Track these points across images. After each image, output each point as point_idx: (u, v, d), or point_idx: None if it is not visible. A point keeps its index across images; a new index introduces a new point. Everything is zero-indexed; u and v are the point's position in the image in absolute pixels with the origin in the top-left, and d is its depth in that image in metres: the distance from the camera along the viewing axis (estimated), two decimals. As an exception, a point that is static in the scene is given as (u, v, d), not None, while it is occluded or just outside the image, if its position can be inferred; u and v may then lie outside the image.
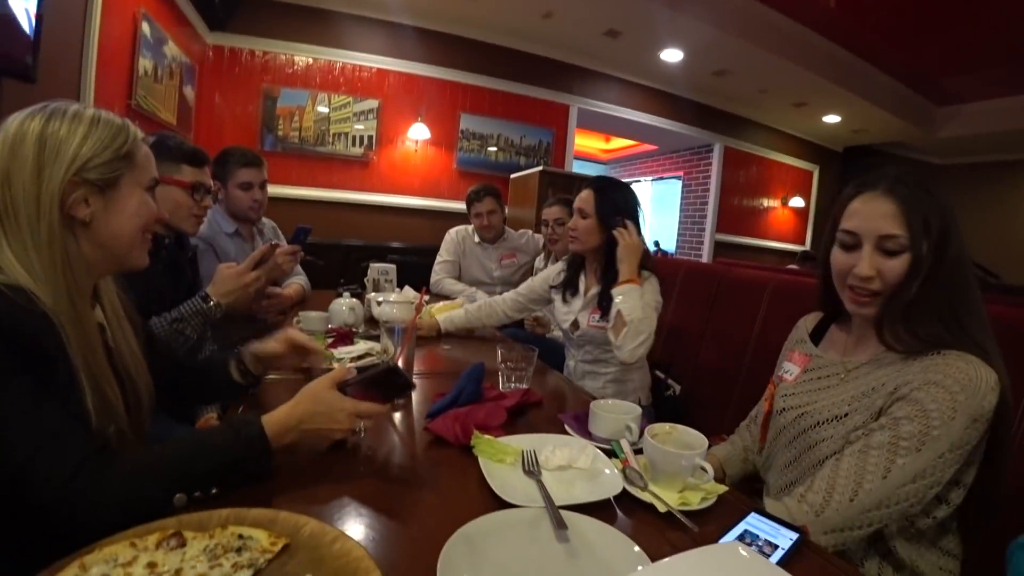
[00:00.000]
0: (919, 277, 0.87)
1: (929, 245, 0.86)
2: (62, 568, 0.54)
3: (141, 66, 2.95)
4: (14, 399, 0.65)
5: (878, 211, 0.90)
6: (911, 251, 0.87)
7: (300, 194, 4.48)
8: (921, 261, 0.87)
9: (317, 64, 4.54)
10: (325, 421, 0.84)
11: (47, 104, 0.77)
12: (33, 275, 0.71)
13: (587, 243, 1.82)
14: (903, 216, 0.87)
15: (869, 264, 0.90)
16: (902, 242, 0.87)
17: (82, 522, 0.64)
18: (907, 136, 6.82)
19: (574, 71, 5.46)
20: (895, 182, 0.90)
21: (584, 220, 1.80)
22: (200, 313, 1.43)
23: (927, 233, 0.86)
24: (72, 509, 0.64)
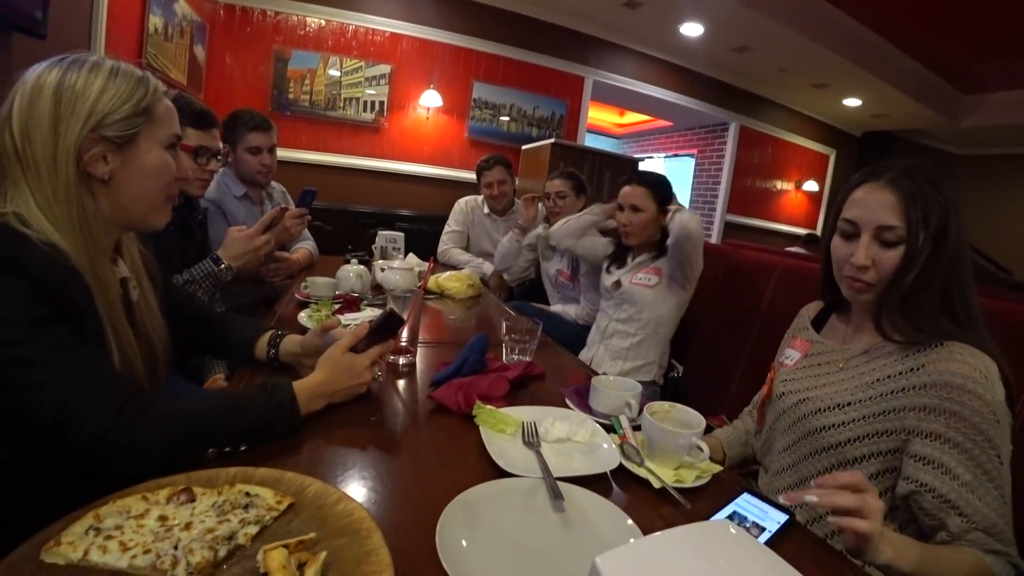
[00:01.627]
0: (914, 269, 0.87)
1: (926, 238, 0.87)
2: (78, 518, 0.57)
3: (152, 24, 2.92)
4: (53, 343, 0.67)
5: (879, 202, 0.90)
6: (907, 243, 0.88)
7: (309, 158, 4.45)
8: (916, 253, 0.87)
9: (329, 26, 4.46)
10: (349, 379, 0.93)
11: (66, 56, 0.76)
12: (59, 229, 0.72)
13: (642, 236, 1.97)
14: (903, 208, 0.88)
15: (865, 254, 0.91)
16: (899, 233, 0.88)
17: (123, 463, 0.67)
18: (928, 123, 6.66)
19: (591, 42, 5.35)
20: (899, 174, 0.90)
21: (638, 215, 1.93)
22: (211, 276, 1.46)
23: (925, 226, 0.86)
24: (113, 449, 0.66)
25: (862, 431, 0.90)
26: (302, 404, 0.84)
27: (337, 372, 0.92)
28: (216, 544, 0.55)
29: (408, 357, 1.25)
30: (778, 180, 7.09)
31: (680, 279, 1.93)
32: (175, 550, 0.54)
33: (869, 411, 0.90)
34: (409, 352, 1.25)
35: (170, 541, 0.55)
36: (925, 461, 0.83)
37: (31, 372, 0.65)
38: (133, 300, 0.88)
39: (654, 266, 1.96)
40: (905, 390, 0.87)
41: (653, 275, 1.94)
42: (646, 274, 1.95)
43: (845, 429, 0.92)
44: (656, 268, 1.96)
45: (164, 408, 0.73)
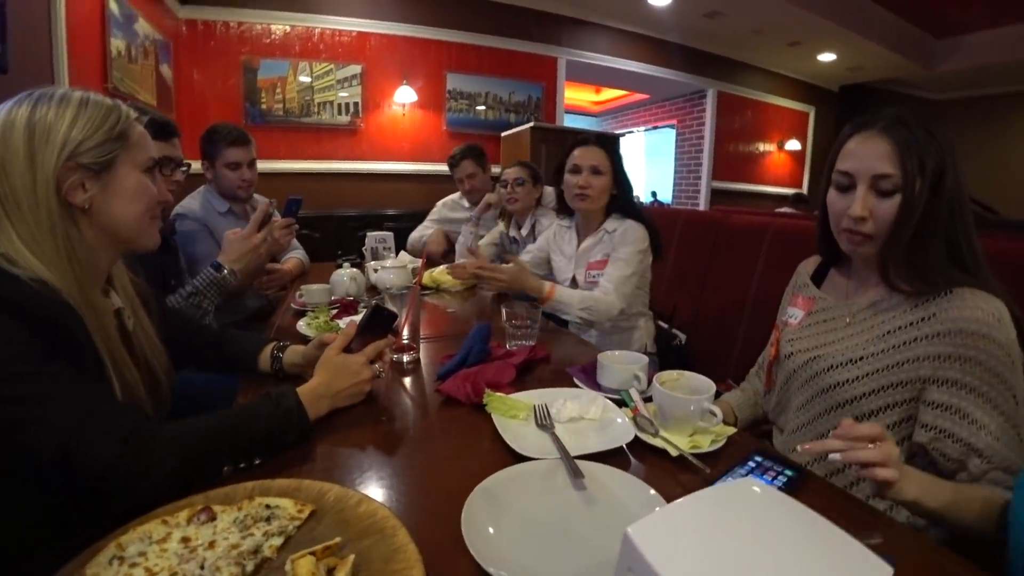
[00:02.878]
0: (913, 217, 0.86)
1: (923, 185, 0.85)
2: (101, 548, 0.56)
3: (114, 47, 2.87)
4: (51, 379, 0.66)
5: (873, 151, 0.88)
6: (904, 191, 0.86)
7: (289, 167, 4.42)
8: (914, 201, 0.86)
9: (295, 32, 4.40)
10: (349, 378, 0.93)
11: (33, 91, 0.76)
12: (47, 263, 0.71)
13: (599, 200, 1.80)
14: (898, 156, 0.86)
15: (862, 205, 0.89)
16: (895, 182, 0.86)
17: (137, 489, 0.66)
18: (904, 72, 6.66)
19: (561, 21, 5.31)
20: (892, 122, 0.88)
21: (599, 177, 1.77)
22: (215, 283, 1.44)
23: (922, 173, 0.85)
24: (125, 477, 0.66)
25: (877, 384, 0.90)
26: (308, 407, 0.85)
27: (333, 373, 0.93)
28: (243, 559, 0.55)
29: (412, 354, 1.24)
30: (760, 142, 7.10)
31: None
32: (201, 570, 0.53)
33: (883, 364, 0.90)
34: (412, 349, 1.25)
35: (196, 562, 0.54)
36: (943, 408, 0.84)
37: (31, 408, 0.64)
38: (129, 328, 0.88)
39: (601, 258, 1.81)
40: (918, 340, 0.87)
41: (603, 270, 1.79)
42: (597, 270, 1.80)
43: (860, 384, 0.92)
44: (603, 261, 1.80)
45: (172, 430, 0.73)
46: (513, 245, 2.67)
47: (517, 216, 2.62)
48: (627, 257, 1.72)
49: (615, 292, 1.69)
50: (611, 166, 1.79)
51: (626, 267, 1.72)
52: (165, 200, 0.90)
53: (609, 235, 1.81)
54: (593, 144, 1.80)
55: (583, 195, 1.78)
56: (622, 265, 1.72)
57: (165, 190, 0.90)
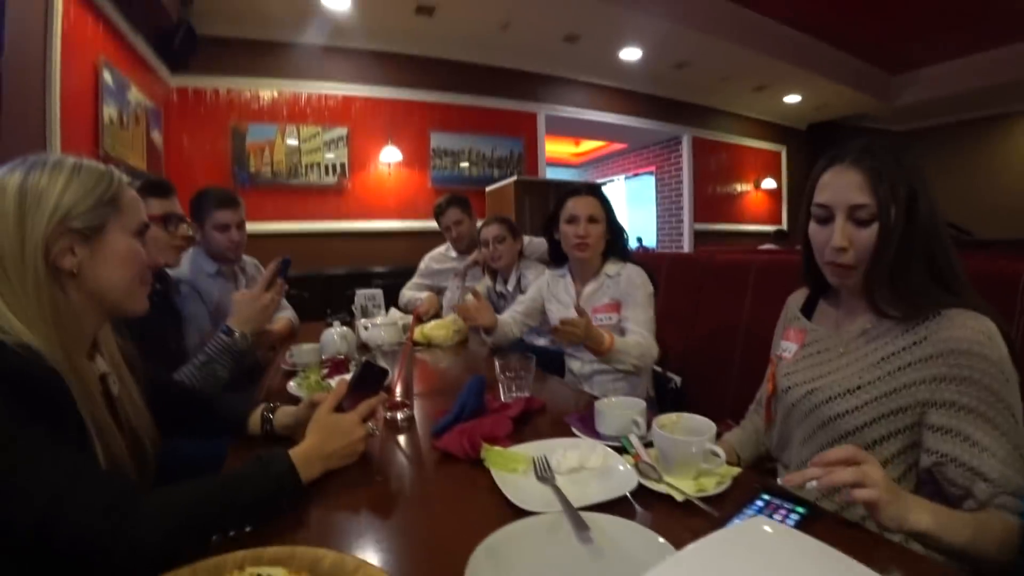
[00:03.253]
0: (892, 243, 0.88)
1: (898, 210, 0.87)
2: None
3: (106, 115, 2.93)
4: (28, 446, 0.64)
5: (847, 182, 0.91)
6: (880, 219, 0.88)
7: (277, 228, 4.45)
8: (891, 227, 0.88)
9: (283, 97, 4.53)
10: (341, 438, 0.90)
11: (27, 158, 0.77)
12: (32, 328, 0.70)
13: (598, 248, 1.84)
14: (870, 185, 0.88)
15: (841, 235, 0.91)
16: (871, 211, 0.88)
17: (119, 564, 0.63)
18: (867, 107, 7.00)
19: (537, 79, 5.52)
20: (862, 152, 0.91)
21: (595, 225, 1.81)
22: (227, 349, 1.41)
23: (895, 199, 0.87)
24: (108, 550, 0.63)
25: (877, 412, 0.90)
26: (300, 471, 0.82)
27: (326, 434, 0.90)
28: (234, 636, 0.52)
29: (405, 411, 1.22)
30: (737, 183, 7.32)
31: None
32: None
33: (880, 391, 0.90)
34: (405, 406, 1.23)
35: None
36: (943, 431, 0.83)
37: (13, 477, 0.62)
38: (114, 394, 0.86)
39: (608, 302, 1.81)
40: (912, 364, 0.87)
41: (612, 313, 1.80)
42: (605, 313, 1.80)
43: (860, 413, 0.91)
44: (611, 305, 1.81)
45: (157, 498, 0.69)
46: (500, 300, 2.67)
47: (501, 271, 2.63)
48: (643, 302, 1.76)
49: (651, 335, 1.72)
50: (604, 213, 1.83)
51: (646, 311, 1.75)
52: (155, 263, 0.90)
53: (611, 279, 1.83)
54: (586, 194, 1.85)
55: (583, 244, 1.80)
56: (642, 310, 1.75)
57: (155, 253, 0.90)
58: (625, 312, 1.78)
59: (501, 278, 2.64)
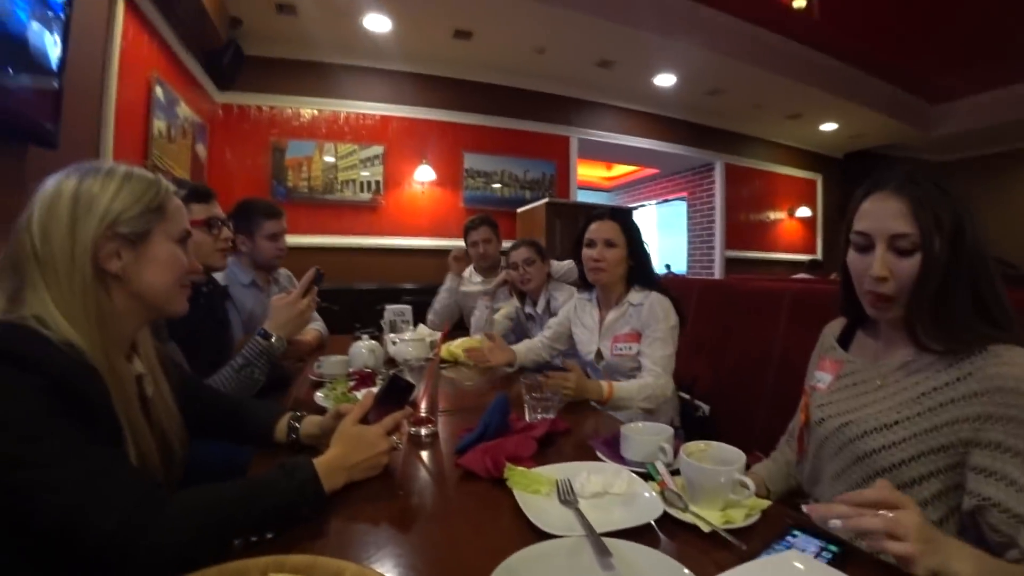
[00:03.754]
0: (937, 275, 0.85)
1: (942, 242, 0.84)
2: None
3: (155, 127, 3.07)
4: (61, 441, 0.66)
5: (888, 210, 0.88)
6: (923, 249, 0.86)
7: (312, 242, 4.56)
8: (935, 259, 0.85)
9: (322, 115, 4.68)
10: (366, 450, 0.91)
11: (82, 164, 0.81)
12: (76, 327, 0.73)
13: (615, 273, 1.82)
14: (912, 214, 0.85)
15: (881, 264, 0.88)
16: (913, 240, 0.85)
17: (139, 564, 0.64)
18: (904, 137, 6.85)
19: (571, 103, 5.58)
20: (905, 180, 0.89)
21: (612, 249, 1.80)
22: (264, 353, 1.43)
23: (939, 229, 0.85)
24: (130, 550, 0.64)
25: (915, 450, 0.86)
26: (323, 481, 0.82)
27: (351, 445, 0.91)
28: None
29: (429, 427, 1.22)
30: (770, 211, 7.21)
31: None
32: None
33: (919, 428, 0.86)
34: (430, 422, 1.23)
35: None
36: (987, 473, 0.79)
37: (44, 471, 0.63)
38: (148, 395, 0.88)
39: (629, 331, 1.79)
40: (955, 401, 0.83)
41: (632, 343, 1.78)
42: (625, 343, 1.79)
43: (897, 450, 0.87)
44: (632, 335, 1.78)
45: (182, 501, 0.71)
46: (529, 321, 2.67)
47: (531, 293, 2.64)
48: (663, 336, 1.72)
49: (665, 373, 1.68)
50: (625, 238, 1.81)
51: (664, 346, 1.71)
52: (195, 269, 0.93)
53: (635, 308, 1.80)
54: (607, 218, 1.84)
55: (597, 268, 1.80)
56: (660, 344, 1.71)
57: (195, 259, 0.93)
58: (644, 344, 1.74)
59: (530, 300, 2.65)
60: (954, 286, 0.85)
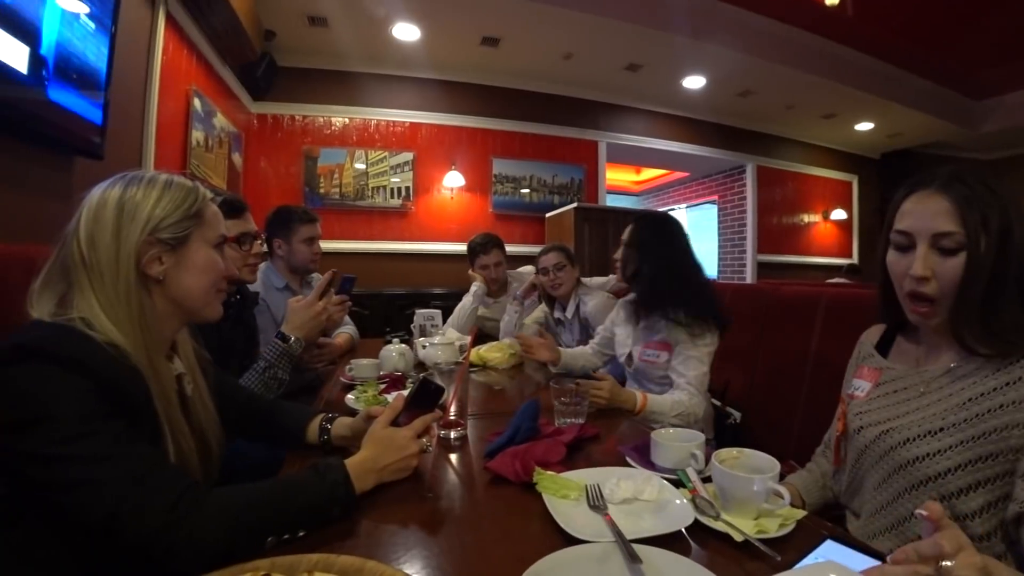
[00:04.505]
0: (982, 277, 0.82)
1: (989, 242, 0.81)
2: None
3: (194, 138, 3.18)
4: (108, 439, 0.68)
5: (931, 208, 0.85)
6: (968, 249, 0.82)
7: (343, 247, 4.65)
8: (981, 260, 0.82)
9: (353, 123, 4.77)
10: (396, 452, 0.92)
11: (126, 174, 0.85)
12: (120, 329, 0.76)
13: (626, 272, 1.84)
14: (958, 212, 0.83)
15: (923, 263, 0.85)
16: (958, 239, 0.83)
17: (180, 558, 0.66)
18: (946, 135, 6.58)
19: (599, 107, 5.56)
20: (950, 179, 0.86)
21: (627, 250, 1.82)
22: (285, 354, 1.48)
23: (985, 229, 0.81)
24: (170, 545, 0.66)
25: (962, 458, 0.82)
26: (353, 482, 0.83)
27: (381, 447, 0.92)
28: (288, 638, 0.53)
29: (459, 430, 1.23)
30: (804, 213, 7.04)
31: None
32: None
33: (966, 435, 0.82)
34: (459, 425, 1.23)
35: (243, 633, 0.53)
36: None
37: (91, 468, 0.66)
38: (188, 395, 0.91)
39: (659, 340, 1.76)
40: (1004, 407, 0.80)
41: (661, 351, 1.75)
42: (653, 350, 1.77)
43: (942, 458, 0.84)
44: (662, 343, 1.75)
45: (219, 499, 0.73)
46: (558, 326, 2.66)
47: (560, 298, 2.63)
48: (700, 356, 1.68)
49: (699, 393, 1.65)
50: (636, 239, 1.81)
51: (700, 365, 1.67)
52: (232, 274, 0.95)
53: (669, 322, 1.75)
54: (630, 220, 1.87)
55: (616, 267, 1.86)
56: (695, 363, 1.66)
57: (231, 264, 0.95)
58: (675, 361, 1.70)
59: (559, 305, 2.64)
60: (1002, 288, 0.82)
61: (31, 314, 0.76)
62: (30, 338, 0.70)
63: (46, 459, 0.65)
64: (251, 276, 1.75)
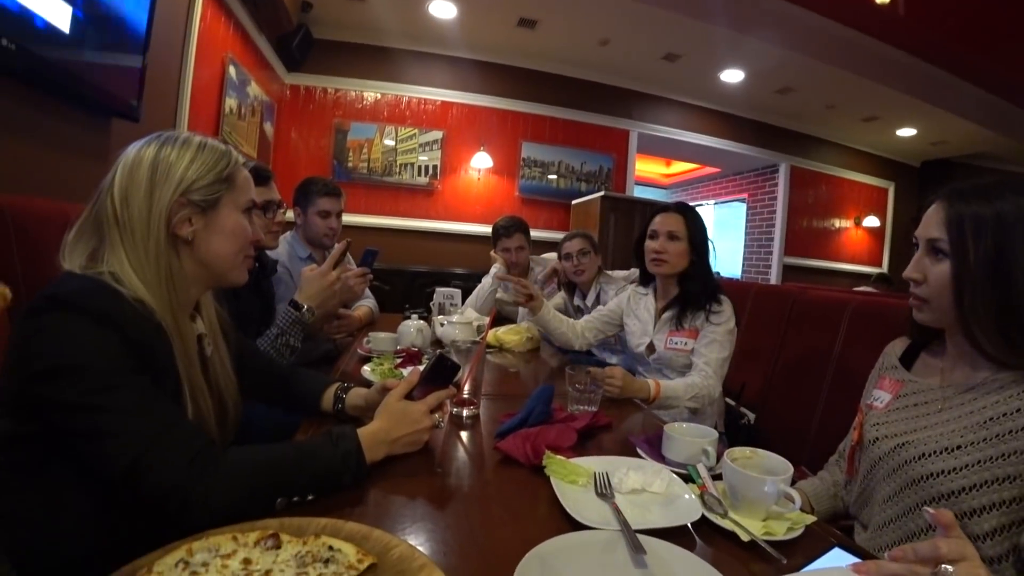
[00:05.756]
0: (972, 285, 0.84)
1: (978, 251, 0.83)
2: (172, 550, 0.58)
3: (227, 105, 3.21)
4: (134, 394, 0.70)
5: (932, 217, 0.91)
6: (954, 256, 0.86)
7: (368, 222, 4.68)
8: (967, 267, 0.84)
9: (384, 99, 4.77)
10: (409, 426, 0.93)
11: (161, 133, 0.86)
12: (148, 287, 0.78)
13: (677, 266, 1.80)
14: (946, 221, 0.87)
15: (913, 266, 0.92)
16: (943, 246, 0.87)
17: (195, 513, 0.68)
18: (994, 147, 6.31)
19: (633, 96, 5.47)
20: (955, 189, 0.89)
21: (674, 243, 1.79)
22: (297, 322, 1.50)
23: (976, 238, 0.83)
24: (186, 499, 0.68)
25: (979, 478, 0.81)
26: (365, 452, 0.85)
27: (394, 420, 0.92)
28: (290, 597, 0.54)
29: (472, 409, 1.24)
30: (836, 218, 6.86)
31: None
32: (250, 596, 0.54)
33: (985, 455, 0.81)
34: (472, 404, 1.24)
35: (248, 586, 0.55)
36: None
37: (114, 420, 0.68)
38: (208, 356, 0.93)
39: (689, 328, 1.77)
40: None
41: (688, 339, 1.76)
42: (681, 338, 1.76)
43: (958, 476, 0.83)
44: (691, 331, 1.76)
45: (234, 459, 0.74)
46: (578, 313, 2.66)
47: (581, 285, 2.62)
48: (722, 339, 1.70)
49: (715, 375, 1.66)
50: (688, 233, 1.79)
51: (722, 349, 1.69)
52: (258, 240, 0.96)
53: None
54: (673, 211, 1.83)
55: (658, 260, 1.80)
56: (718, 347, 1.68)
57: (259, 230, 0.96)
58: (700, 344, 1.72)
59: (580, 293, 2.63)
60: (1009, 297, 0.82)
61: (63, 265, 0.78)
62: (63, 290, 0.71)
63: (73, 407, 0.67)
64: (273, 242, 1.77)
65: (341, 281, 1.62)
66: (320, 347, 2.21)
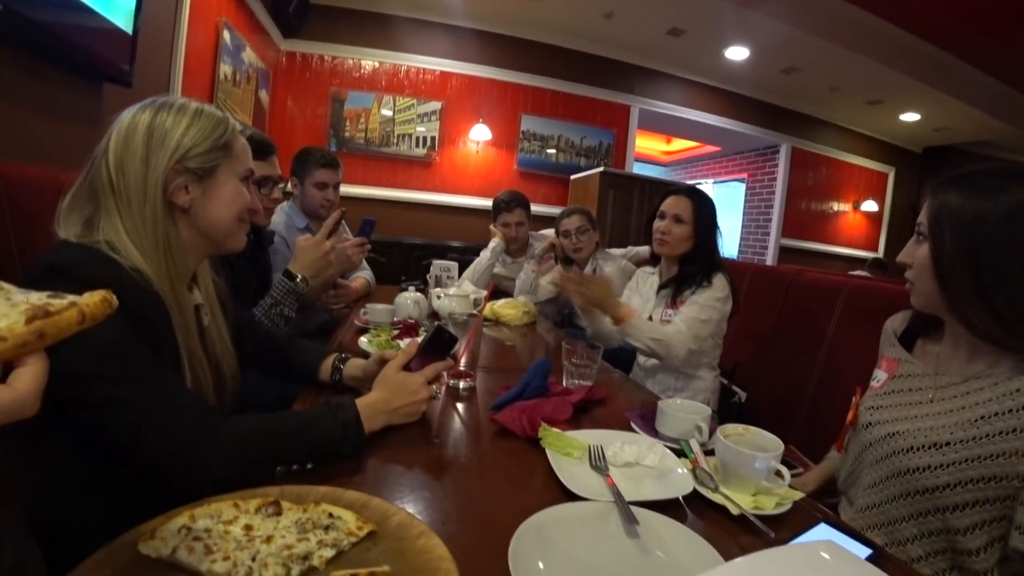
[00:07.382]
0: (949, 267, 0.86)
1: (952, 235, 0.86)
2: (176, 515, 0.59)
3: (221, 71, 3.15)
4: (136, 363, 0.71)
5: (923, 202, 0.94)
6: (930, 240, 0.89)
7: (364, 193, 4.63)
8: (941, 251, 0.87)
9: (383, 68, 4.68)
10: (407, 396, 0.93)
11: (156, 99, 0.84)
12: (145, 256, 0.77)
13: (678, 248, 1.85)
14: (927, 206, 0.91)
15: (905, 251, 0.96)
16: (922, 230, 0.91)
17: (196, 481, 0.69)
18: (998, 135, 6.27)
19: (635, 71, 5.39)
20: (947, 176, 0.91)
21: (679, 225, 1.84)
22: (291, 292, 1.50)
23: (952, 224, 0.86)
24: (188, 466, 0.69)
25: (963, 476, 0.83)
26: (365, 421, 0.85)
27: (392, 390, 0.93)
28: (290, 562, 0.55)
29: (468, 381, 1.25)
30: (834, 201, 6.85)
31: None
32: (252, 561, 0.55)
33: (972, 454, 0.82)
34: (469, 376, 1.25)
35: (249, 551, 0.56)
36: None
37: (117, 388, 0.68)
38: (205, 326, 0.93)
39: (680, 302, 1.83)
40: (1017, 431, 0.80)
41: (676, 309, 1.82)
42: (673, 310, 1.82)
43: (943, 472, 0.84)
44: (682, 301, 1.82)
45: (235, 427, 0.75)
46: None
47: (579, 261, 2.63)
48: (703, 301, 1.75)
49: (687, 332, 1.70)
50: (694, 217, 1.82)
51: (701, 311, 1.74)
52: (256, 208, 0.96)
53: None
54: (683, 195, 1.87)
55: (662, 240, 1.85)
56: (697, 308, 1.74)
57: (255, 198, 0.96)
58: (683, 307, 1.78)
59: (576, 268, 2.64)
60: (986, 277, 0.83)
61: (58, 233, 0.77)
62: (60, 258, 0.71)
63: (75, 377, 0.67)
64: (265, 220, 1.75)
65: (336, 251, 1.61)
66: (316, 317, 2.21)
